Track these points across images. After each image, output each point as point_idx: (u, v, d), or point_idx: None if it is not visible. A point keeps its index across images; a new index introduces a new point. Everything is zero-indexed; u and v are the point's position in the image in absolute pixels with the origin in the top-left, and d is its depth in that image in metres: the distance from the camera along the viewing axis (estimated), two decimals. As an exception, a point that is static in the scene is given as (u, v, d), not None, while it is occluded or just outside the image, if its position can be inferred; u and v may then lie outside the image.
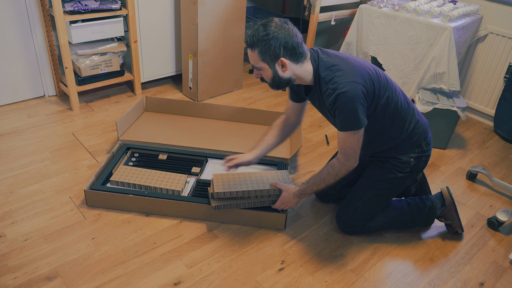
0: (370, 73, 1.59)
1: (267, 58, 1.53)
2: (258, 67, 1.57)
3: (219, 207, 1.79)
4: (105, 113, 2.72)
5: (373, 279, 1.70)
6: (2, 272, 1.58)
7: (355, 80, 1.52)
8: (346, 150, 1.61)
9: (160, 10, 2.82)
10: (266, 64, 1.54)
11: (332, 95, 1.53)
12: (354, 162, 1.63)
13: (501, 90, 2.81)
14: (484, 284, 1.72)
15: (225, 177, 1.86)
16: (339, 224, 1.89)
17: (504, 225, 2.03)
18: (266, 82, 1.63)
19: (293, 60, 1.54)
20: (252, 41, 1.52)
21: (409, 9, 2.67)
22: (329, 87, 1.54)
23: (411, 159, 1.77)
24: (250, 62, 1.59)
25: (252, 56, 1.55)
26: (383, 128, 1.71)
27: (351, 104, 1.51)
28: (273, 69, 1.55)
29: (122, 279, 1.59)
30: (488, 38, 2.82)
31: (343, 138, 1.60)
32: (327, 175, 1.67)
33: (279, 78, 1.57)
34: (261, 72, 1.59)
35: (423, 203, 1.91)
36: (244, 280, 1.63)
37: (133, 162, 2.16)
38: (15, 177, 2.08)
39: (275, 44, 1.49)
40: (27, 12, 2.53)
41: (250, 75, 3.45)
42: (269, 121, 2.60)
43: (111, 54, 2.72)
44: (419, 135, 1.76)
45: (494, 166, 2.53)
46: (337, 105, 1.53)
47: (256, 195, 1.81)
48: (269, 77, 1.59)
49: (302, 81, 1.62)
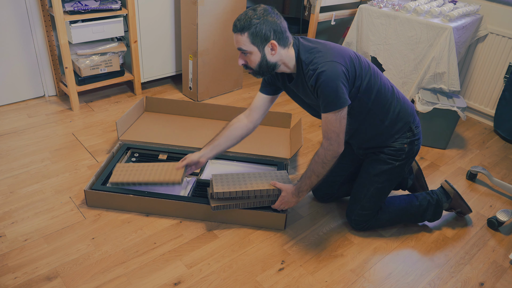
0: (351, 55, 1.61)
1: (257, 41, 1.54)
2: (246, 51, 1.56)
3: (218, 208, 1.79)
4: (105, 113, 2.72)
5: (373, 279, 1.70)
6: (2, 272, 1.58)
7: (334, 60, 1.54)
8: (329, 133, 1.61)
9: (160, 10, 2.82)
10: (255, 48, 1.55)
11: (313, 75, 1.55)
12: (337, 146, 1.62)
13: (501, 90, 2.81)
14: (484, 284, 1.72)
15: (224, 178, 1.86)
16: (351, 223, 1.92)
17: (504, 225, 2.03)
18: (250, 69, 1.63)
19: (280, 44, 1.56)
20: (242, 25, 1.52)
21: (409, 9, 2.67)
22: (309, 68, 1.57)
23: (404, 145, 1.77)
24: (236, 46, 1.59)
25: (241, 39, 1.55)
26: (369, 111, 1.70)
27: (332, 83, 1.52)
28: (262, 53, 1.56)
29: (122, 279, 1.59)
30: (488, 38, 2.82)
31: (326, 120, 1.59)
32: (315, 164, 1.67)
33: (266, 62, 1.58)
34: (248, 57, 1.59)
35: (431, 197, 1.96)
36: (244, 280, 1.63)
37: (133, 162, 2.16)
38: (15, 177, 2.08)
39: (266, 27, 1.52)
40: (27, 12, 2.53)
41: (250, 75, 3.45)
42: (269, 121, 2.60)
43: (111, 54, 2.72)
44: (407, 117, 1.76)
45: (494, 166, 2.53)
46: (318, 84, 1.54)
47: (255, 195, 1.81)
48: (256, 62, 1.59)
49: (286, 67, 1.64)
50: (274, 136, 2.51)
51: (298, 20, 3.26)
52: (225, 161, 2.23)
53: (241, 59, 1.62)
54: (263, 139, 2.46)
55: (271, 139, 2.47)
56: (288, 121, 2.60)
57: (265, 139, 2.45)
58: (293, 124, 2.65)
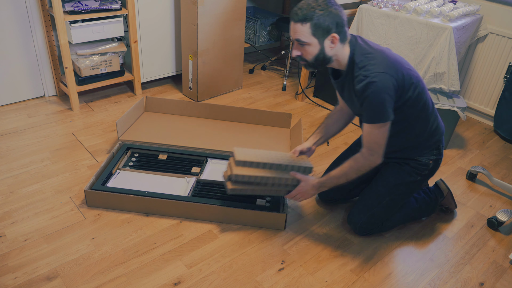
0: (403, 68, 1.57)
1: (318, 32, 1.48)
2: (305, 42, 1.50)
3: (234, 191, 1.75)
4: (105, 113, 2.72)
5: (373, 279, 1.69)
6: (2, 272, 1.58)
7: (387, 72, 1.50)
8: (371, 144, 1.59)
9: (160, 10, 2.82)
10: (316, 40, 1.50)
11: (363, 82, 1.50)
12: (377, 157, 1.61)
13: (501, 90, 2.81)
14: (484, 284, 1.72)
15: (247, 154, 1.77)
16: (355, 229, 1.88)
17: (504, 225, 2.03)
18: (304, 61, 1.57)
19: (340, 38, 1.52)
20: (305, 15, 1.46)
21: (409, 9, 2.67)
22: (361, 73, 1.52)
23: (430, 162, 1.78)
24: (293, 37, 1.52)
25: (301, 30, 1.48)
26: (409, 124, 1.69)
27: (380, 96, 1.49)
28: (321, 45, 1.51)
29: (122, 279, 1.59)
30: (488, 38, 2.82)
31: (369, 131, 1.57)
32: (349, 169, 1.65)
33: (323, 55, 1.53)
34: (304, 48, 1.53)
35: (429, 196, 1.98)
36: (244, 280, 1.63)
37: (133, 162, 2.16)
38: (15, 177, 2.08)
39: (329, 19, 1.46)
40: (27, 12, 2.53)
41: (250, 75, 3.45)
42: (269, 121, 2.60)
43: (111, 54, 2.72)
44: (439, 136, 1.78)
45: (494, 166, 2.53)
46: (366, 94, 1.51)
47: (273, 182, 1.76)
48: (313, 54, 1.53)
49: (338, 63, 1.60)
50: (274, 136, 2.51)
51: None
52: (225, 161, 2.23)
53: (297, 50, 1.56)
54: (263, 139, 2.46)
55: (271, 139, 2.47)
56: (288, 121, 2.60)
57: (265, 139, 2.46)
58: (293, 124, 2.65)
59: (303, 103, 3.07)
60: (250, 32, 3.49)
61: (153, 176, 2.07)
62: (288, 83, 3.33)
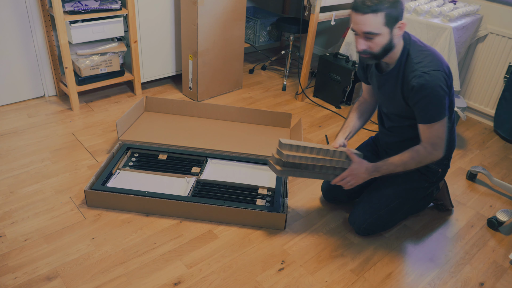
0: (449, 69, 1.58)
1: (391, 21, 1.43)
2: (375, 33, 1.44)
3: (283, 172, 1.71)
4: (105, 113, 2.72)
5: (373, 279, 1.69)
6: (2, 272, 1.58)
7: (444, 70, 1.49)
8: (433, 139, 1.57)
9: (160, 10, 2.82)
10: (387, 29, 1.44)
11: (420, 77, 1.48)
12: (441, 152, 1.59)
13: (501, 90, 2.81)
14: (484, 284, 1.72)
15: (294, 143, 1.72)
16: (359, 229, 1.87)
17: (504, 225, 2.03)
18: (370, 54, 1.51)
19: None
20: (376, 4, 1.40)
21: (409, 9, 2.67)
22: (418, 68, 1.50)
23: (439, 170, 1.79)
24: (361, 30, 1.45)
25: (373, 21, 1.42)
26: None
27: (438, 94, 1.48)
28: (391, 35, 1.46)
29: (122, 279, 1.59)
30: (488, 38, 2.82)
31: (431, 129, 1.55)
32: (410, 160, 1.61)
33: (390, 44, 1.49)
34: (374, 40, 1.46)
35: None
36: (244, 280, 1.63)
37: (133, 162, 2.16)
38: (15, 177, 2.08)
39: (399, 6, 1.42)
40: (27, 12, 2.53)
41: (250, 75, 3.45)
42: (269, 121, 2.60)
43: (111, 54, 2.72)
44: (453, 146, 1.78)
45: (494, 166, 2.53)
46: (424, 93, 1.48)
47: (323, 165, 1.71)
48: (382, 44, 1.48)
49: (390, 56, 1.55)
50: (274, 136, 2.51)
51: (298, 20, 3.26)
52: (225, 161, 2.23)
53: (364, 44, 1.49)
54: (263, 139, 2.46)
55: (271, 139, 2.47)
56: (288, 121, 2.60)
57: (265, 139, 2.46)
58: (293, 124, 2.65)
59: (303, 103, 3.08)
60: (250, 32, 3.49)
61: (153, 176, 2.07)
62: (288, 83, 3.33)
